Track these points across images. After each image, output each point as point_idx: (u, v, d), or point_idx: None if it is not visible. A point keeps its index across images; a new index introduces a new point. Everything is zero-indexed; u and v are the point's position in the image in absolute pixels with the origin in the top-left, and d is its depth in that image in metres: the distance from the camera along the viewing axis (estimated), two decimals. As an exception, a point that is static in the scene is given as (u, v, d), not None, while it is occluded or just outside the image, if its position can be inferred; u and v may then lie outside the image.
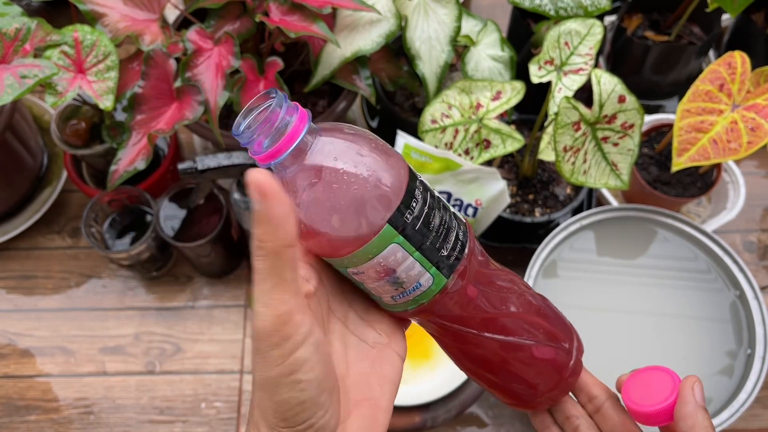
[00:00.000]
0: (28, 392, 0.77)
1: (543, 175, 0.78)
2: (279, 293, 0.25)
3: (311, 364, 0.26)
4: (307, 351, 0.26)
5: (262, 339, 0.26)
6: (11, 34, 0.62)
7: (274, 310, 0.25)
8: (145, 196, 0.75)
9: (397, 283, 0.29)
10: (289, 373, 0.26)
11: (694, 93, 0.62)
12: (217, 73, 0.65)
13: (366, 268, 0.29)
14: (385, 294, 0.30)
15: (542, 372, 0.36)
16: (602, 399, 0.39)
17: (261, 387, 0.27)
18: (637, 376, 0.37)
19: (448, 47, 0.70)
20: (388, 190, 0.28)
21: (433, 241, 0.30)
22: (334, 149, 0.28)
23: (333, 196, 0.27)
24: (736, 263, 0.68)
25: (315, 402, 0.27)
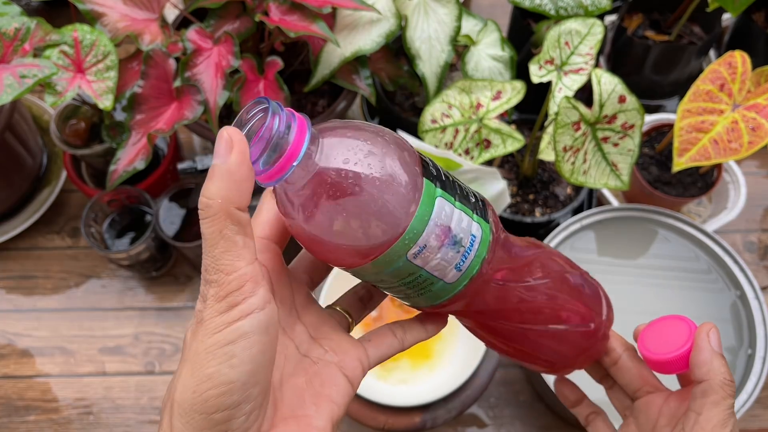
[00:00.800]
0: (28, 392, 0.77)
1: (543, 175, 0.77)
2: (232, 258, 0.24)
3: (252, 340, 0.24)
4: (251, 323, 0.24)
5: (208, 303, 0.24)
6: (11, 34, 0.62)
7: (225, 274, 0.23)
8: (144, 196, 0.75)
9: (456, 243, 0.28)
10: (225, 342, 0.23)
11: (695, 93, 0.62)
12: (216, 73, 0.65)
13: (427, 237, 0.27)
14: (449, 266, 0.28)
15: (577, 342, 0.36)
16: (619, 351, 0.39)
17: (188, 359, 0.24)
18: (653, 326, 0.36)
19: (448, 47, 0.70)
20: (410, 153, 0.27)
21: (460, 191, 0.29)
22: (341, 149, 0.26)
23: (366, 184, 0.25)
24: (736, 263, 0.68)
25: (242, 389, 0.24)
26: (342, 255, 0.27)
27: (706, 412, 0.32)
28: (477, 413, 0.75)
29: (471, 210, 0.29)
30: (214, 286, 0.24)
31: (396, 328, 0.33)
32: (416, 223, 0.26)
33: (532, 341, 0.35)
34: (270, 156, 0.24)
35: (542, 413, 0.74)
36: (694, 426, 0.32)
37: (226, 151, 0.23)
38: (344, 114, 0.76)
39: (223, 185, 0.23)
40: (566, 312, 0.35)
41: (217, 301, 0.24)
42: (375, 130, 0.27)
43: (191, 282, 0.83)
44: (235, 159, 0.23)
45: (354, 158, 0.26)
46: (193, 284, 0.83)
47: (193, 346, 0.24)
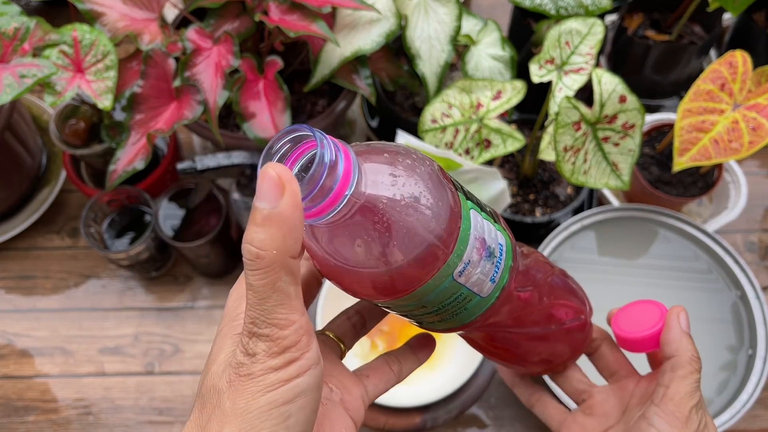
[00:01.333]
0: (27, 393, 0.77)
1: (544, 174, 0.77)
2: (286, 311, 0.21)
3: (308, 399, 0.22)
4: (309, 381, 0.22)
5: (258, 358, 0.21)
6: (10, 34, 0.62)
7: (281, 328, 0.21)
8: (144, 196, 0.75)
9: (491, 255, 0.27)
10: (282, 402, 0.21)
11: (695, 92, 0.62)
12: (216, 73, 0.65)
13: (470, 252, 0.26)
14: (486, 279, 0.28)
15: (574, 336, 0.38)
16: (599, 341, 0.41)
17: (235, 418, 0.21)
18: (627, 309, 0.39)
19: (449, 47, 0.70)
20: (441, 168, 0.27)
21: (478, 201, 0.29)
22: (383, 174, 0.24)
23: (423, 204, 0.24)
24: (737, 263, 0.68)
25: None
26: (389, 285, 0.25)
27: (674, 386, 0.34)
28: (477, 414, 0.75)
29: (492, 219, 0.29)
30: (265, 340, 0.21)
31: (392, 362, 0.32)
32: (462, 238, 0.26)
33: (534, 344, 0.36)
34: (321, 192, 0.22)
35: (542, 413, 0.74)
36: (662, 398, 0.33)
37: (275, 193, 0.20)
38: (344, 114, 0.76)
39: (277, 233, 0.20)
40: (564, 309, 0.36)
41: (271, 356, 0.21)
42: (404, 150, 0.26)
43: (191, 282, 0.83)
44: (287, 203, 0.20)
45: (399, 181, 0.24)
46: (192, 284, 0.83)
47: (239, 402, 0.21)
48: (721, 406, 0.63)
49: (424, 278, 0.25)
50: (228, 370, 0.22)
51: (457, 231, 0.26)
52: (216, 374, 0.23)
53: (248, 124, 0.65)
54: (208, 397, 0.23)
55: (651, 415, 0.33)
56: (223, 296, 0.82)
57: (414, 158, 0.26)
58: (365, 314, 0.33)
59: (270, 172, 0.20)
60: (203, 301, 0.82)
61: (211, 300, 0.82)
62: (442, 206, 0.25)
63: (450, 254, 0.25)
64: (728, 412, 0.62)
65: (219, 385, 0.22)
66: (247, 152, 0.66)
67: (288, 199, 0.20)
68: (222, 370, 0.23)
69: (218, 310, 0.81)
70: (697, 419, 0.34)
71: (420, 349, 0.34)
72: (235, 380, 0.22)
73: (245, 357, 0.22)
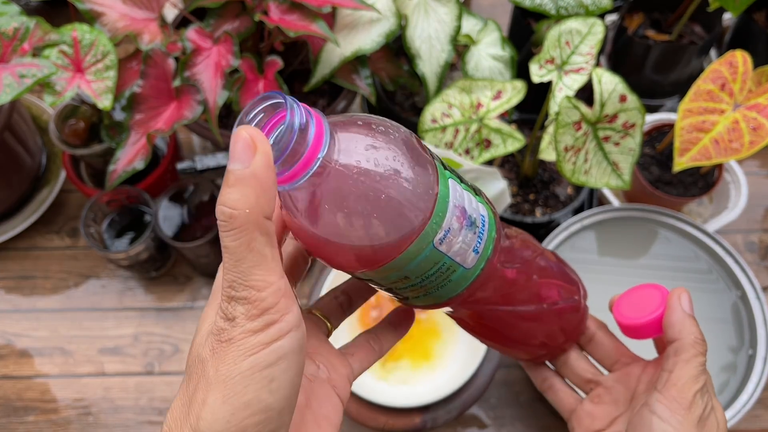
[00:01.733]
0: (27, 393, 0.77)
1: (544, 174, 0.77)
2: (263, 273, 0.21)
3: (291, 361, 0.22)
4: (291, 343, 0.22)
5: (237, 322, 0.21)
6: (10, 34, 0.62)
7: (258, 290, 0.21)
8: (144, 196, 0.75)
9: (472, 224, 0.28)
10: (264, 365, 0.21)
11: (696, 92, 0.62)
12: (216, 73, 0.65)
13: (450, 219, 0.26)
14: (468, 249, 0.28)
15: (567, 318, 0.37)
16: (593, 329, 0.40)
17: (218, 384, 0.21)
18: (628, 294, 0.38)
19: (449, 46, 0.70)
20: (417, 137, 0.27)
21: (457, 174, 0.29)
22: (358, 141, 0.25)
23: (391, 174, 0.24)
24: (737, 263, 0.68)
25: (280, 416, 0.22)
26: (369, 254, 0.25)
27: (678, 370, 0.33)
28: (477, 414, 0.74)
29: (473, 191, 0.29)
30: (243, 303, 0.21)
31: (371, 339, 0.32)
32: (440, 205, 0.26)
33: (528, 325, 0.35)
34: (292, 156, 0.22)
35: (543, 414, 0.74)
36: (666, 383, 0.32)
37: (247, 154, 0.20)
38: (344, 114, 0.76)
39: (250, 192, 0.20)
40: (555, 288, 0.35)
41: (249, 319, 0.21)
42: (378, 119, 0.27)
43: (191, 282, 0.83)
44: (259, 162, 0.20)
45: (374, 149, 0.25)
46: (192, 284, 0.83)
47: (222, 368, 0.21)
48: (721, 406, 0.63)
49: (403, 245, 0.25)
50: (210, 338, 0.22)
51: (434, 197, 0.26)
52: (200, 344, 0.23)
53: (248, 124, 0.65)
54: (193, 368, 0.23)
55: (653, 402, 0.32)
56: (223, 296, 0.82)
57: (388, 126, 0.26)
58: (352, 293, 0.33)
59: (242, 133, 0.20)
60: (203, 301, 0.82)
61: (211, 300, 0.82)
62: (418, 172, 0.25)
63: (428, 220, 0.25)
64: (728, 412, 0.62)
65: (203, 354, 0.22)
66: (247, 152, 0.66)
67: (260, 159, 0.20)
68: (205, 340, 0.23)
69: (218, 310, 0.81)
70: (702, 404, 0.32)
71: (399, 324, 0.34)
72: (217, 347, 0.22)
73: (225, 322, 0.22)
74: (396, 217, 0.24)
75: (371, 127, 0.26)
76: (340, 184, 0.24)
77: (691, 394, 0.32)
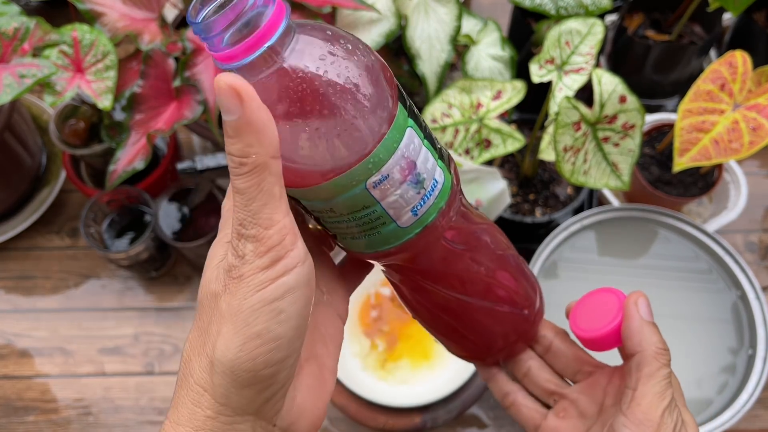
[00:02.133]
0: (27, 393, 0.77)
1: (544, 174, 0.77)
2: (270, 211, 0.22)
3: (297, 294, 0.23)
4: (297, 278, 0.23)
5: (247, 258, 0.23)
6: (10, 34, 0.62)
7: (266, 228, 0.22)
8: (144, 196, 0.75)
9: (419, 183, 0.26)
10: (272, 298, 0.23)
11: (695, 93, 0.62)
12: (216, 73, 0.65)
13: (392, 166, 0.25)
14: (406, 206, 0.26)
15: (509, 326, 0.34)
16: (550, 337, 0.36)
17: (228, 317, 0.23)
18: (583, 302, 0.34)
19: (449, 46, 0.70)
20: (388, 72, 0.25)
21: (427, 131, 0.27)
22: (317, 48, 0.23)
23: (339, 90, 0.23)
24: (737, 263, 0.68)
25: (289, 344, 0.24)
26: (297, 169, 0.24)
27: (641, 387, 0.30)
28: (477, 414, 0.74)
29: (437, 154, 0.27)
30: (252, 241, 0.22)
31: None
32: (383, 148, 0.24)
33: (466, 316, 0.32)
34: (239, 31, 0.21)
35: (542, 414, 0.74)
36: (630, 403, 0.30)
37: (235, 103, 0.21)
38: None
39: (252, 139, 0.21)
40: (505, 291, 0.33)
41: (258, 256, 0.22)
42: (351, 36, 0.25)
43: (191, 282, 0.83)
44: (250, 108, 0.21)
45: (330, 60, 0.23)
46: (192, 284, 0.83)
47: (233, 303, 0.23)
48: (721, 405, 0.63)
49: (334, 171, 0.24)
50: (222, 275, 0.24)
51: (381, 135, 0.24)
52: (211, 280, 0.24)
53: (248, 124, 0.65)
54: (206, 302, 0.24)
55: (619, 428, 0.30)
56: (223, 296, 0.82)
57: (358, 46, 0.24)
58: None
59: (222, 84, 0.21)
60: (203, 301, 0.82)
61: (211, 300, 0.82)
62: (369, 103, 0.24)
63: (366, 155, 0.24)
64: (728, 411, 0.62)
65: (216, 289, 0.24)
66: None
67: (249, 104, 0.21)
68: (216, 276, 0.24)
69: (218, 310, 0.81)
70: (671, 422, 0.30)
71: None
72: (229, 283, 0.23)
73: (236, 259, 0.23)
74: (332, 140, 0.23)
75: (337, 40, 0.24)
76: (282, 85, 0.23)
77: (659, 414, 0.29)
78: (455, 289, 0.31)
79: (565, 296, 0.69)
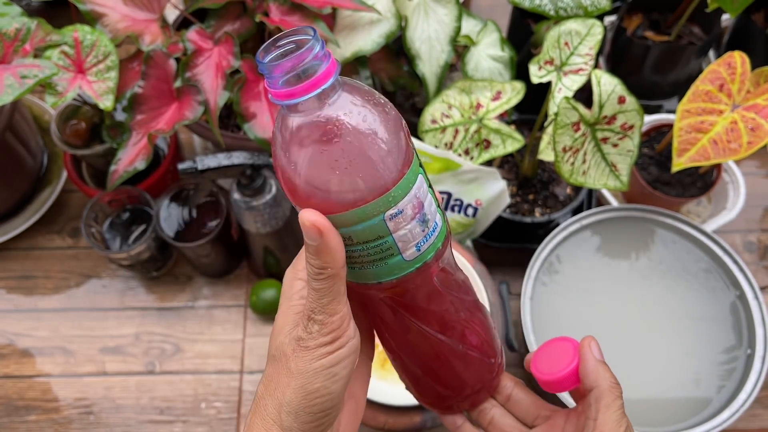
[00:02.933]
0: (28, 392, 0.77)
1: (543, 175, 0.78)
2: (336, 305, 0.30)
3: (347, 362, 0.31)
4: (348, 351, 0.31)
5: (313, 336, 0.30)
6: (11, 34, 0.62)
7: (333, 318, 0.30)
8: (145, 196, 0.75)
9: (424, 222, 0.31)
10: (329, 365, 0.31)
11: (694, 93, 0.62)
12: (217, 73, 0.65)
13: (406, 203, 0.29)
14: (412, 241, 0.31)
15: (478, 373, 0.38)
16: (510, 386, 0.41)
17: (297, 375, 0.31)
18: (542, 350, 0.39)
19: (448, 47, 0.70)
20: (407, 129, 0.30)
21: (430, 183, 0.32)
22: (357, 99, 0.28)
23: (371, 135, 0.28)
24: (736, 263, 0.68)
25: (338, 397, 0.32)
26: (331, 198, 0.28)
27: (601, 416, 0.35)
28: (477, 413, 0.75)
29: (437, 202, 0.32)
30: (319, 324, 0.30)
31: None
32: (403, 185, 0.29)
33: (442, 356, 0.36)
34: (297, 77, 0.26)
35: (542, 413, 0.75)
36: (594, 431, 0.35)
37: (316, 234, 0.28)
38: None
39: (328, 258, 0.29)
40: (477, 337, 0.37)
41: (322, 335, 0.30)
42: (381, 96, 0.30)
43: (191, 282, 0.83)
44: (327, 236, 0.28)
45: (366, 111, 0.28)
46: (193, 284, 0.83)
47: (300, 365, 0.31)
48: (719, 405, 0.64)
49: (359, 202, 0.28)
50: (292, 342, 0.31)
51: (401, 174, 0.29)
52: (284, 343, 0.32)
53: (249, 125, 0.66)
54: (278, 357, 0.32)
55: None
56: (224, 296, 0.82)
57: (386, 103, 0.30)
58: None
59: (306, 222, 0.28)
60: (204, 300, 0.82)
61: (212, 300, 0.82)
62: (395, 147, 0.29)
63: (388, 190, 0.28)
64: (727, 411, 0.62)
65: (287, 351, 0.32)
66: (248, 152, 0.66)
67: (326, 235, 0.28)
68: (288, 341, 0.32)
69: (219, 309, 0.82)
70: None
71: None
72: (297, 349, 0.31)
73: (305, 333, 0.31)
74: (364, 172, 0.28)
75: (372, 95, 0.29)
76: (326, 126, 0.27)
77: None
78: (437, 328, 0.35)
79: (564, 296, 0.69)
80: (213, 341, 0.80)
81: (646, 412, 0.65)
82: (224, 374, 0.77)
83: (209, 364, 0.78)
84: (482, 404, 0.41)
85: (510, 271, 0.81)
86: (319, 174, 0.27)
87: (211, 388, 0.77)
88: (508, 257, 0.81)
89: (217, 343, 0.79)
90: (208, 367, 0.78)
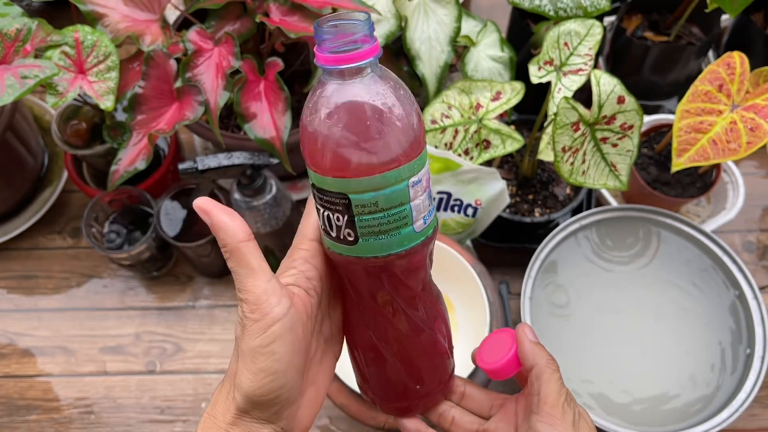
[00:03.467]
0: (29, 392, 0.77)
1: (543, 175, 0.78)
2: (253, 279, 0.31)
3: (284, 340, 0.32)
4: (282, 327, 0.32)
5: (245, 315, 0.31)
6: (12, 35, 0.62)
7: (251, 293, 0.31)
8: (145, 196, 0.75)
9: (430, 197, 0.34)
10: (265, 344, 0.31)
11: (694, 93, 0.62)
12: (217, 74, 0.65)
13: (423, 175, 0.32)
14: (422, 212, 0.33)
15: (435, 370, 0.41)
16: (462, 385, 0.44)
17: (243, 356, 0.32)
18: (484, 344, 0.43)
19: (448, 48, 0.70)
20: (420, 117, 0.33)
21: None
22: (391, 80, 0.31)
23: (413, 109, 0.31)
24: (735, 263, 0.68)
25: (284, 375, 0.32)
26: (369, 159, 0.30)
27: (543, 390, 0.38)
28: (477, 412, 0.75)
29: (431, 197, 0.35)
30: (244, 303, 0.32)
31: None
32: (424, 155, 0.32)
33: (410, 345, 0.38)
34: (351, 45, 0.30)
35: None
36: (539, 404, 0.37)
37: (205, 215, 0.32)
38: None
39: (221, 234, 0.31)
40: (446, 329, 0.40)
41: (251, 313, 0.31)
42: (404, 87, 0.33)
43: (192, 282, 0.83)
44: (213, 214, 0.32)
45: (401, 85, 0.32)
46: (193, 284, 0.83)
47: (242, 345, 0.32)
48: (719, 404, 0.64)
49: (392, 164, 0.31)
50: (237, 325, 0.33)
51: (423, 146, 0.32)
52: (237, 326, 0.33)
53: (249, 125, 0.66)
54: (236, 343, 0.33)
55: (534, 423, 0.37)
56: (224, 296, 0.83)
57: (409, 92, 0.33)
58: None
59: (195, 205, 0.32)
60: (204, 300, 0.82)
61: (212, 299, 0.82)
62: (419, 122, 0.32)
63: (415, 156, 0.31)
64: (726, 410, 0.62)
65: (237, 331, 0.33)
66: (248, 152, 0.66)
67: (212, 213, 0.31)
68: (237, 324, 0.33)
69: (219, 309, 0.82)
70: (571, 411, 0.37)
71: None
72: (239, 331, 0.32)
73: (240, 312, 0.32)
74: (398, 137, 0.31)
75: (399, 83, 0.32)
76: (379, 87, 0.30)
77: (561, 405, 0.37)
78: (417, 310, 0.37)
79: (563, 296, 0.70)
80: (213, 341, 0.80)
81: (646, 412, 0.65)
82: (225, 374, 0.78)
83: (210, 364, 0.78)
84: (439, 406, 0.43)
85: (510, 271, 0.82)
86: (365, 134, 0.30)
87: (211, 388, 0.77)
88: (507, 257, 0.81)
89: (217, 342, 0.80)
90: (209, 367, 0.78)
